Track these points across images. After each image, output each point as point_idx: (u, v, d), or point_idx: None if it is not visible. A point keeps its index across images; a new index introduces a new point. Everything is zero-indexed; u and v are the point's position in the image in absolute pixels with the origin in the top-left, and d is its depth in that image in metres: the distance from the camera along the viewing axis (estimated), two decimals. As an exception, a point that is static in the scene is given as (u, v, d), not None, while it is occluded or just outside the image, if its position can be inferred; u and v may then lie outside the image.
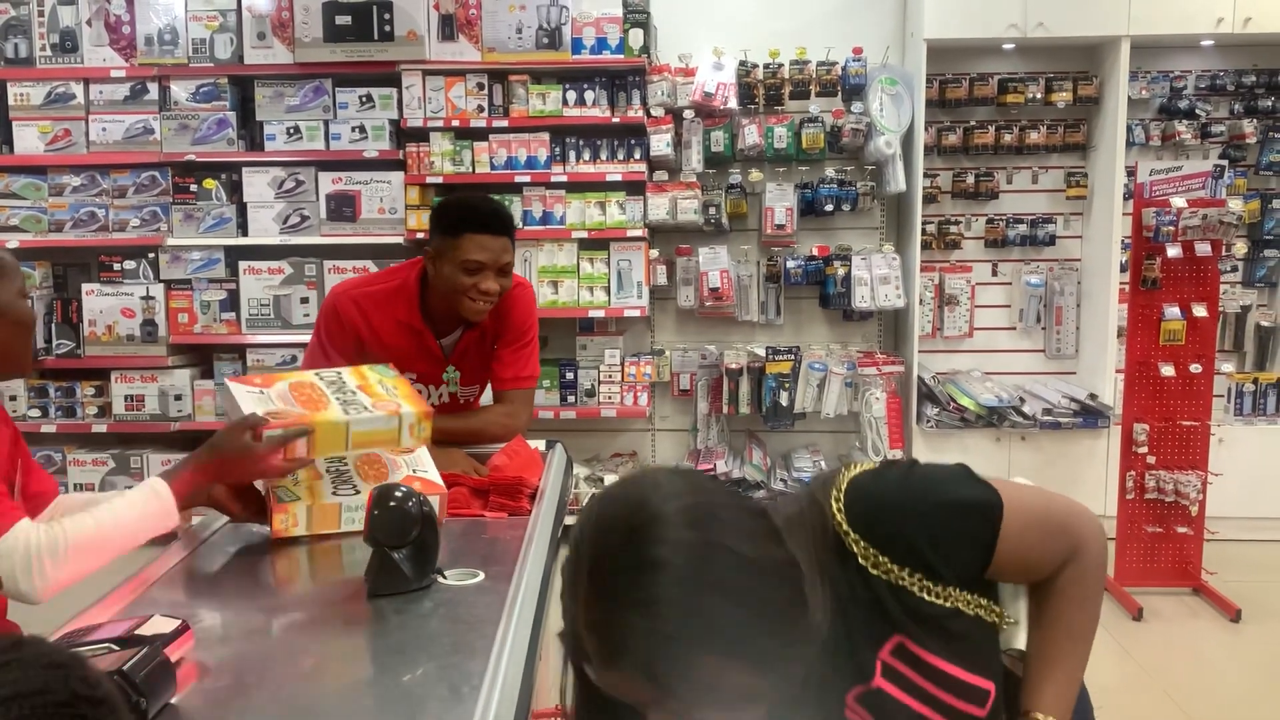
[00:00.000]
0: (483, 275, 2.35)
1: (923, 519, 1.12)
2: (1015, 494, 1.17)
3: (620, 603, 0.96)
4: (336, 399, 1.81)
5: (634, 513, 0.99)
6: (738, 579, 0.97)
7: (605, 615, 0.97)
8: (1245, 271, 4.94)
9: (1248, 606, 3.82)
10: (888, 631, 1.12)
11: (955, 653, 1.13)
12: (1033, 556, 1.18)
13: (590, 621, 0.98)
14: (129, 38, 4.56)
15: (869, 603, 1.12)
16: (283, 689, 1.32)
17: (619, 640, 0.96)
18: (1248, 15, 4.44)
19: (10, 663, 0.66)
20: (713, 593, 0.96)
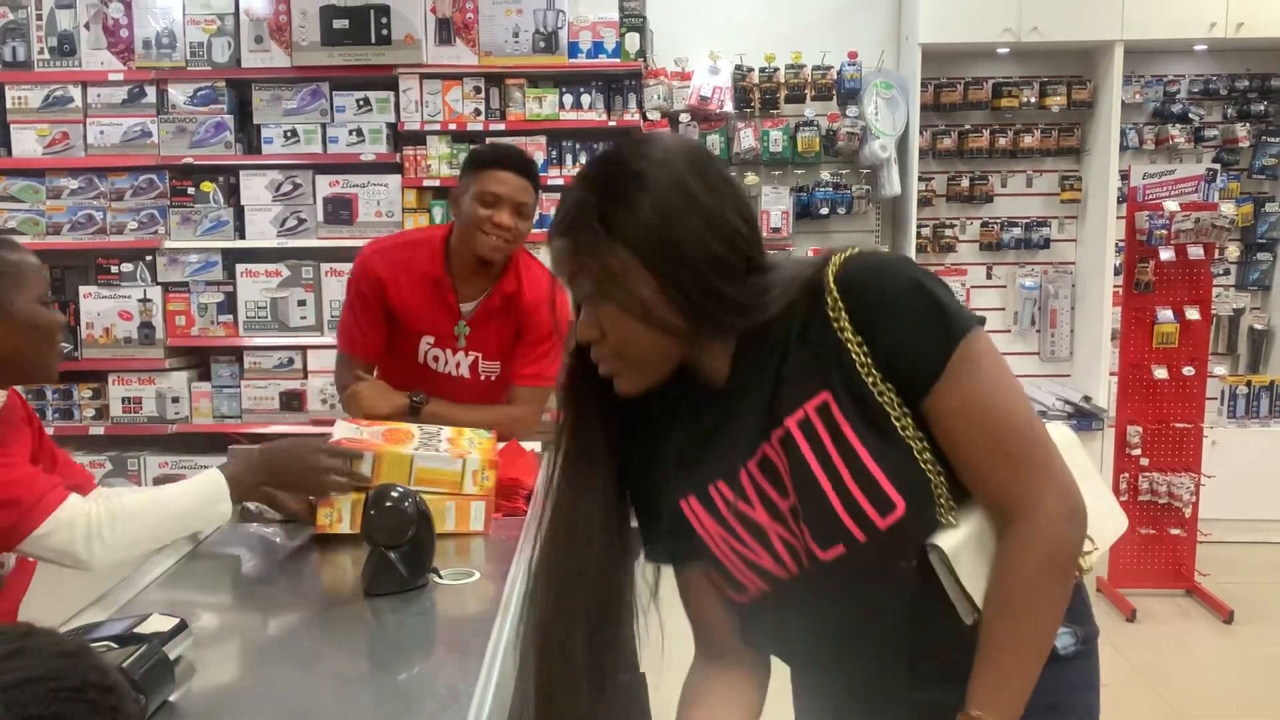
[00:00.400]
0: (498, 208, 2.42)
1: (891, 286, 1.09)
2: (999, 378, 1.10)
3: (583, 182, 1.14)
4: (419, 440, 1.91)
5: (635, 139, 1.17)
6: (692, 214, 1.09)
7: (570, 191, 1.14)
8: (1238, 275, 4.97)
9: (1240, 608, 3.84)
10: (821, 384, 1.10)
11: (873, 446, 1.08)
12: (971, 448, 1.08)
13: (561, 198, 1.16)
14: (127, 41, 4.57)
15: (816, 348, 1.11)
16: (279, 686, 1.34)
17: (567, 211, 1.13)
18: (1240, 20, 4.47)
19: (22, 650, 0.68)
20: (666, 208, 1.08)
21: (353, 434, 1.92)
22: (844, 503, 1.08)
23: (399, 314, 2.55)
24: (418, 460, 1.83)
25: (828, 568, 1.10)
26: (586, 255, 1.11)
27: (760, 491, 1.14)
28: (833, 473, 1.08)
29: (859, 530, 1.07)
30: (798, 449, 1.10)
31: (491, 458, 1.90)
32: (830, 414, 1.09)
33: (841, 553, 1.09)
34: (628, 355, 1.14)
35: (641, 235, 1.08)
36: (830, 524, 1.08)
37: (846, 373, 1.09)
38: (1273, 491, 4.61)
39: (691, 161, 1.11)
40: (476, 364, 2.58)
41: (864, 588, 1.11)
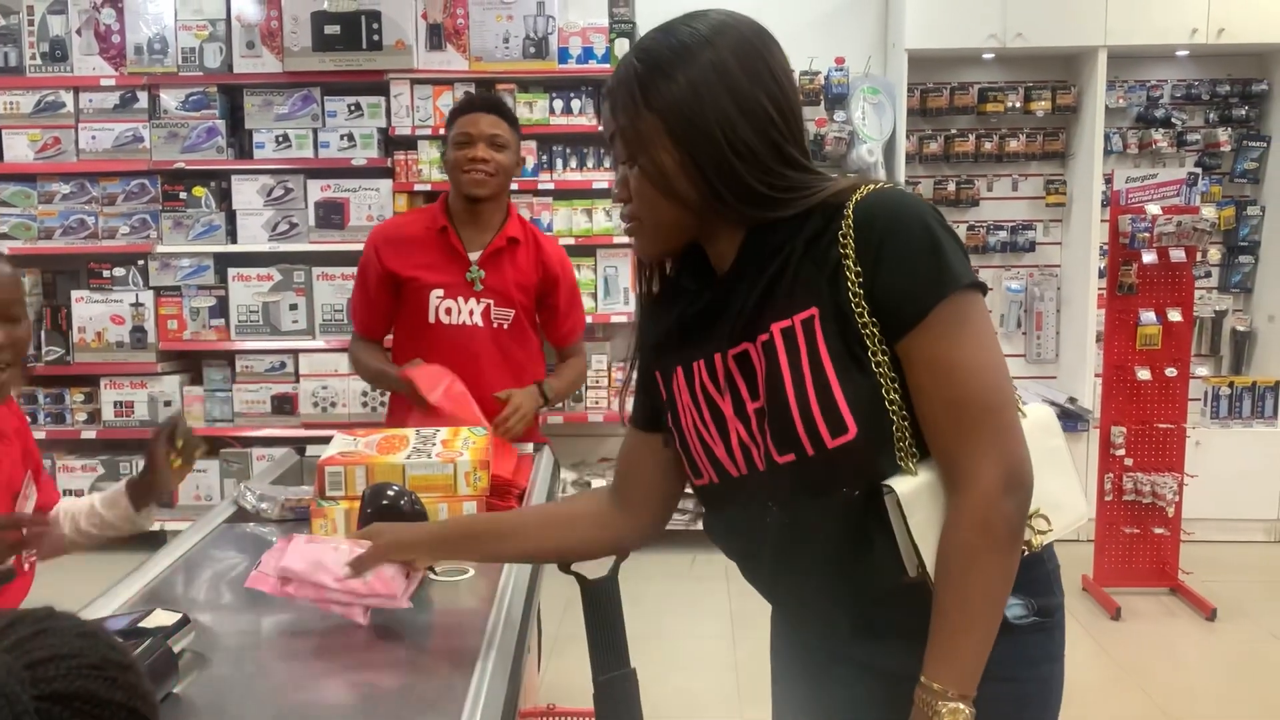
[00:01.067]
0: (472, 146, 2.57)
1: (900, 222, 1.12)
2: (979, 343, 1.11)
3: (637, 49, 1.20)
4: (413, 446, 1.95)
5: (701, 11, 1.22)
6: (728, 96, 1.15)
7: (626, 57, 1.21)
8: (1221, 277, 5.03)
9: (1223, 606, 3.89)
10: (812, 300, 1.14)
11: (843, 370, 1.11)
12: (929, 403, 1.11)
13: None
14: (119, 47, 4.59)
15: (818, 262, 1.14)
16: (279, 678, 1.37)
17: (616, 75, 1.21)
18: (1221, 26, 4.53)
19: (46, 630, 0.72)
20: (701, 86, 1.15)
21: (349, 446, 1.94)
22: (802, 414, 1.12)
23: (405, 273, 2.64)
24: (409, 468, 1.86)
25: (779, 472, 1.15)
26: (622, 118, 1.19)
27: (732, 384, 1.20)
28: (799, 384, 1.12)
29: (809, 444, 1.12)
30: (775, 354, 1.15)
31: (484, 458, 1.93)
32: (812, 329, 1.13)
33: (792, 460, 1.14)
34: (646, 219, 1.22)
35: (671, 107, 1.15)
36: (787, 431, 1.13)
37: (838, 295, 1.12)
38: (1255, 491, 4.67)
39: (740, 43, 1.17)
40: (489, 311, 2.63)
41: (806, 502, 1.15)
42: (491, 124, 2.58)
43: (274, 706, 1.30)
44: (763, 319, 1.17)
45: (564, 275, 2.75)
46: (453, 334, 2.61)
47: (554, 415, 4.68)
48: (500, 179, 2.61)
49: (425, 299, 2.62)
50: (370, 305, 2.72)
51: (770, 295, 1.17)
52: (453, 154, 2.59)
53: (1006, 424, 1.11)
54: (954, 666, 1.10)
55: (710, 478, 1.25)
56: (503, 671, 1.32)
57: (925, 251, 1.10)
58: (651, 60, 1.17)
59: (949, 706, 1.08)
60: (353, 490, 1.83)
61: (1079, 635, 3.77)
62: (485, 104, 2.64)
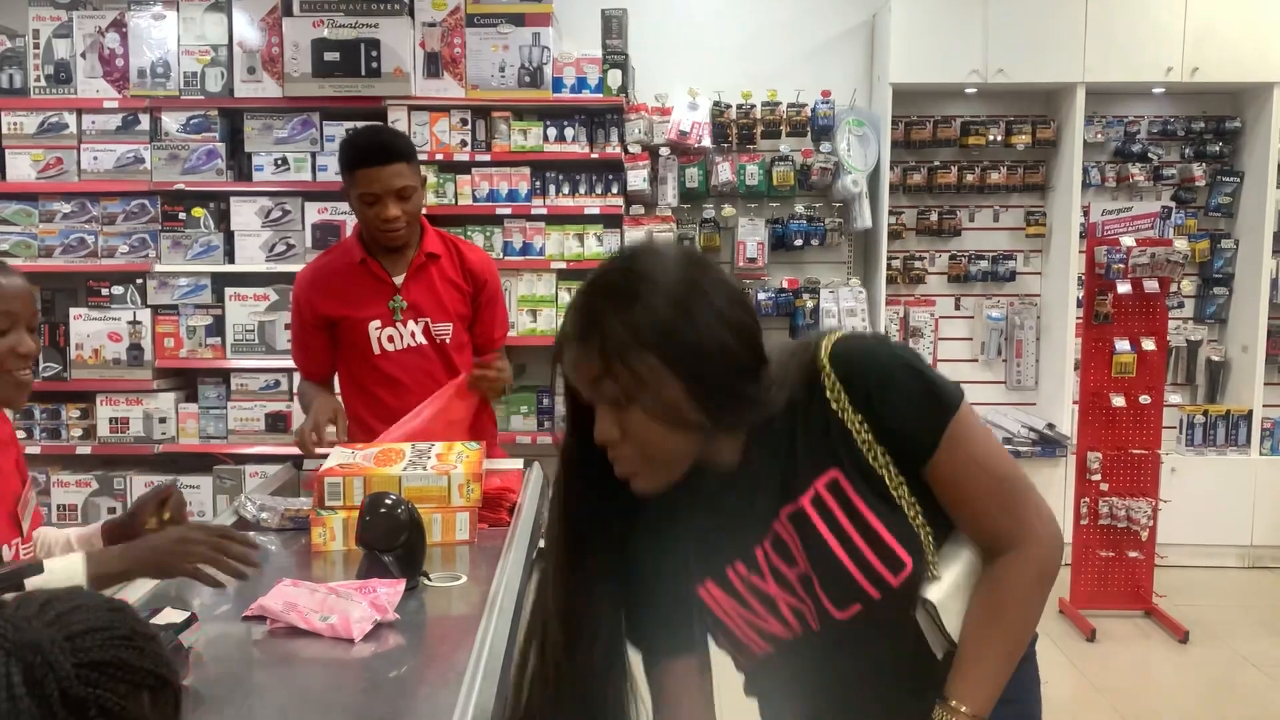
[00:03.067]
0: (381, 205, 2.48)
1: (886, 369, 1.20)
2: (987, 438, 1.23)
3: (598, 290, 1.16)
4: (409, 459, 2.02)
5: (636, 248, 1.21)
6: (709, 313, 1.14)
7: (585, 299, 1.17)
8: (1196, 308, 5.15)
9: (1195, 629, 3.98)
10: (829, 462, 1.21)
11: (881, 513, 1.20)
12: (973, 500, 1.22)
13: (572, 307, 1.18)
14: (122, 70, 4.69)
15: (821, 430, 1.21)
16: (280, 677, 1.44)
17: (588, 318, 1.15)
18: (1195, 65, 4.67)
19: (80, 606, 0.81)
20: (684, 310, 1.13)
21: (347, 459, 2.03)
22: (859, 566, 1.19)
23: (338, 312, 2.62)
24: (405, 480, 1.94)
25: (843, 625, 1.22)
26: (614, 361, 1.13)
27: (772, 566, 1.24)
28: (846, 541, 1.20)
29: (874, 589, 1.19)
30: (811, 524, 1.21)
31: (477, 470, 2.01)
32: (840, 488, 1.21)
33: (858, 610, 1.21)
34: (651, 456, 1.18)
35: (665, 338, 1.13)
36: (847, 586, 1.20)
37: (850, 449, 1.20)
38: (1228, 517, 4.77)
39: (691, 263, 1.18)
40: (428, 329, 2.64)
41: (874, 641, 1.24)
42: (394, 175, 2.47)
43: (274, 702, 1.38)
44: (788, 497, 1.23)
45: (490, 279, 2.74)
46: (400, 359, 2.62)
47: (543, 436, 4.75)
48: (414, 223, 2.58)
49: (364, 332, 2.61)
50: (309, 351, 2.71)
51: (788, 475, 1.23)
52: (360, 211, 2.52)
53: (1032, 487, 1.26)
54: (983, 690, 1.22)
55: (762, 650, 1.28)
56: (492, 679, 1.39)
57: (919, 390, 1.20)
58: (622, 296, 1.14)
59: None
60: (351, 500, 1.91)
61: (1055, 656, 3.85)
62: (382, 154, 2.48)
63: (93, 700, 0.76)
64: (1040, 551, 1.23)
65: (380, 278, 2.62)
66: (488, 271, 2.75)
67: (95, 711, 0.76)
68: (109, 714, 0.77)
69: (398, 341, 2.62)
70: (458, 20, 4.63)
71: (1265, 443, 4.86)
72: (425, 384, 2.57)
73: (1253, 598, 4.51)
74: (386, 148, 2.52)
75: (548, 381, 4.24)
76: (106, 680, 0.78)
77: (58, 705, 0.74)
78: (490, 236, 4.69)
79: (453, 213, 4.64)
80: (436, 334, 2.65)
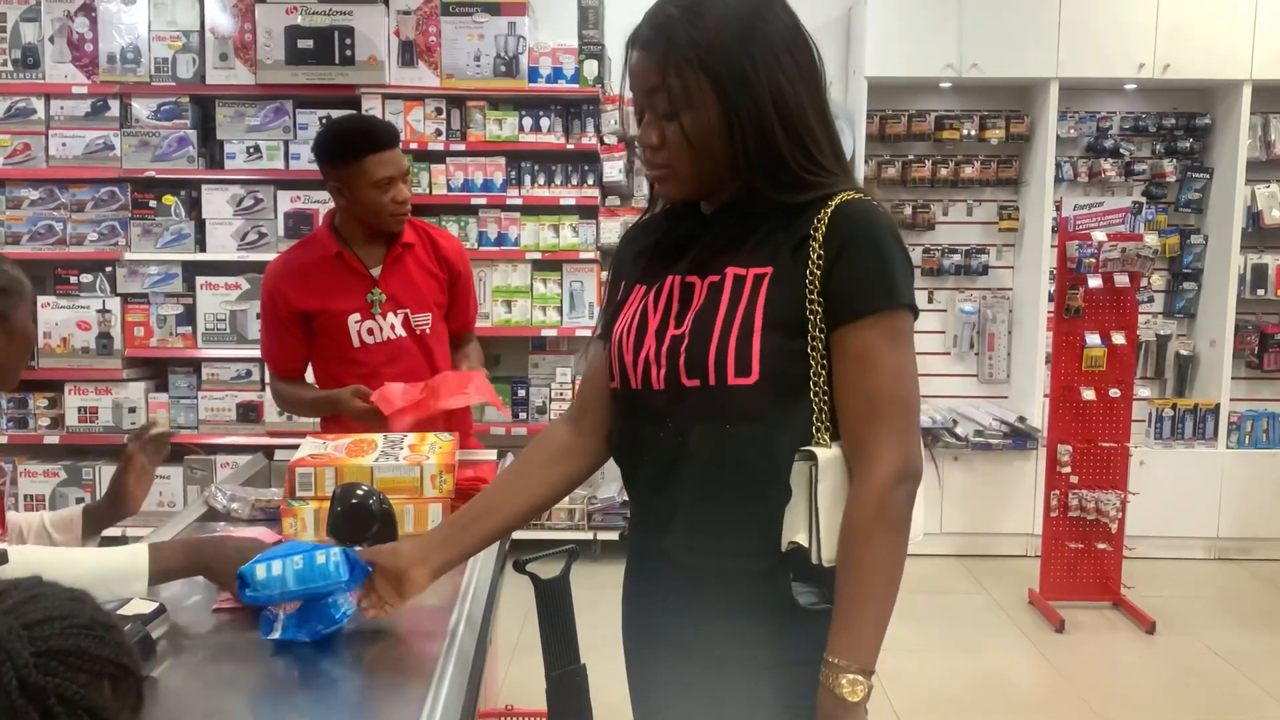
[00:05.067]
0: (395, 187, 2.52)
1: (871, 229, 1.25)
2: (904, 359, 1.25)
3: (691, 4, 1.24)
4: (381, 450, 2.01)
5: None
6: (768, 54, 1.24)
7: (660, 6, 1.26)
8: (1165, 303, 5.21)
9: (1162, 619, 4.03)
10: (771, 260, 1.27)
11: (770, 330, 1.24)
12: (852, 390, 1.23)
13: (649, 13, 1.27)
14: (91, 55, 4.63)
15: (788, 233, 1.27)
16: (248, 669, 1.43)
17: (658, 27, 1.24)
18: (1167, 62, 4.72)
19: (39, 595, 0.81)
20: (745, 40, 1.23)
21: (319, 449, 2.01)
22: (719, 348, 1.25)
23: (315, 306, 2.59)
24: (377, 470, 1.93)
25: (681, 395, 1.28)
26: (670, 74, 1.23)
27: (668, 307, 1.32)
28: (728, 323, 1.25)
29: (714, 374, 1.25)
30: (719, 294, 1.27)
31: (449, 461, 2.00)
32: (760, 284, 1.26)
33: (695, 386, 1.27)
34: (678, 169, 1.28)
35: (729, 73, 1.21)
36: (700, 358, 1.26)
37: (796, 267, 1.25)
38: (1195, 510, 4.83)
39: (790, 22, 1.28)
40: (408, 321, 2.62)
41: (698, 427, 1.28)
42: (400, 157, 2.54)
43: (243, 694, 1.37)
44: (719, 260, 1.30)
45: (464, 266, 2.75)
46: (379, 351, 2.60)
47: (518, 428, 4.75)
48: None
49: (343, 326, 2.59)
50: (284, 346, 2.66)
51: (735, 244, 1.29)
52: (372, 196, 2.49)
53: (910, 424, 1.25)
54: (852, 640, 1.21)
55: (617, 382, 1.38)
56: (463, 670, 1.39)
57: (884, 260, 1.24)
58: (703, 20, 1.22)
59: (848, 678, 1.19)
60: (322, 491, 1.90)
61: (1024, 646, 3.90)
62: (391, 137, 2.56)
63: (51, 689, 0.75)
64: (882, 481, 1.20)
65: (357, 270, 2.60)
66: (460, 258, 2.76)
67: (54, 700, 0.75)
68: (68, 703, 0.76)
69: (377, 334, 2.61)
70: (433, 8, 4.61)
71: (1232, 436, 4.93)
72: (405, 377, 2.53)
73: (1218, 589, 4.57)
74: (391, 131, 2.62)
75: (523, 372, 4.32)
76: (65, 669, 0.77)
77: (16, 694, 0.74)
78: (465, 226, 4.67)
79: (427, 202, 4.61)
80: (416, 325, 2.64)
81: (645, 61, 1.25)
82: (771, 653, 1.29)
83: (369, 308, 2.59)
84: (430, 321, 2.66)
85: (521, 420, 4.79)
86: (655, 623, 1.41)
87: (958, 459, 4.79)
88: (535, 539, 4.31)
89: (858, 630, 1.21)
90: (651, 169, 1.31)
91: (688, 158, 1.27)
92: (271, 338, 2.68)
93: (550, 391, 4.81)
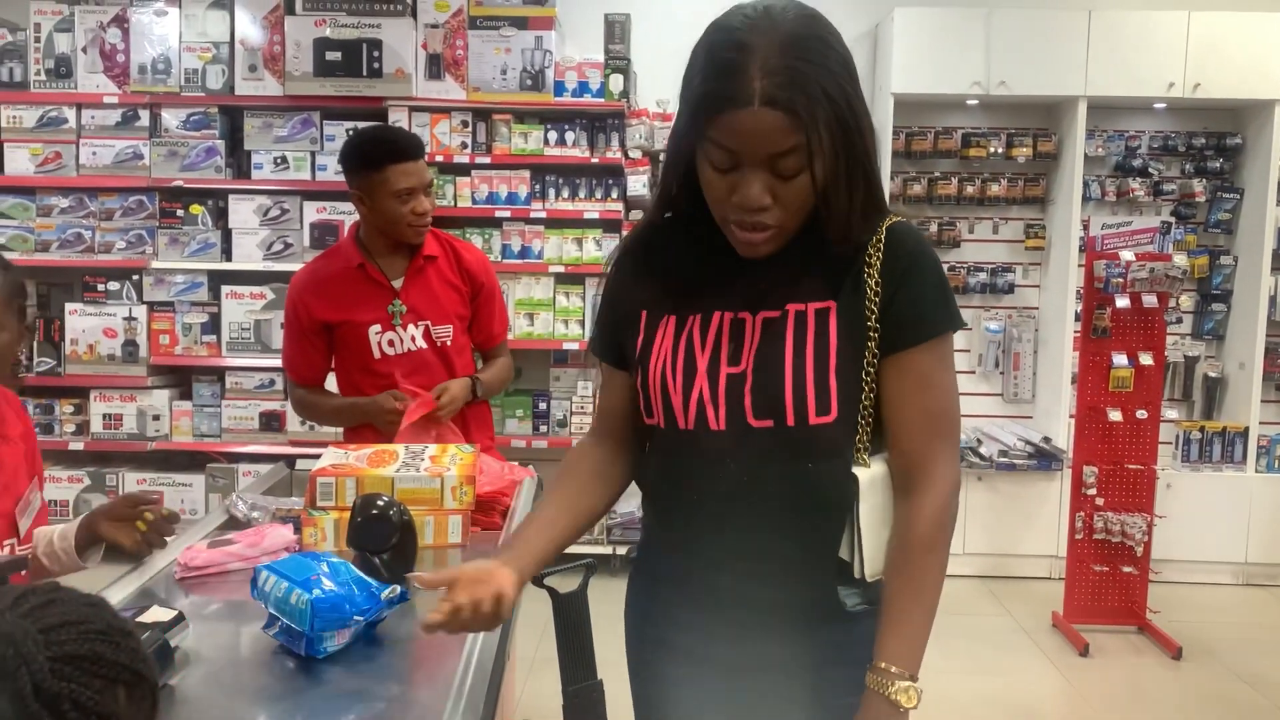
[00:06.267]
0: (415, 199, 2.53)
1: (926, 259, 1.28)
2: (952, 376, 1.31)
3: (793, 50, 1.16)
4: (402, 461, 2.02)
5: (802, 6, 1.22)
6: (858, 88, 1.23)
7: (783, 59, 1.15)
8: (1194, 324, 5.15)
9: (1188, 645, 3.97)
10: (831, 295, 1.27)
11: (842, 364, 1.25)
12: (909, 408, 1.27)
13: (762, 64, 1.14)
14: (123, 66, 4.68)
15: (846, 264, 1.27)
16: (266, 678, 1.43)
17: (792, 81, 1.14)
18: (1197, 81, 4.68)
19: (56, 599, 0.80)
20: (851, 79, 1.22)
21: (340, 459, 2.02)
22: (795, 386, 1.24)
23: (337, 317, 2.61)
24: (398, 481, 1.93)
25: (748, 435, 1.25)
26: (815, 133, 1.15)
27: (717, 344, 1.29)
28: (800, 361, 1.24)
29: (793, 415, 1.24)
30: (781, 331, 1.26)
31: (470, 473, 2.00)
32: (826, 320, 1.26)
33: (769, 426, 1.25)
34: (787, 226, 1.24)
35: (848, 108, 1.18)
36: (774, 398, 1.24)
37: (856, 299, 1.26)
38: (1223, 534, 4.76)
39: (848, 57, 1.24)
40: (429, 332, 2.63)
41: (772, 467, 1.26)
42: (424, 169, 2.55)
43: (261, 704, 1.36)
44: (776, 296, 1.28)
45: (487, 279, 2.75)
46: (400, 363, 2.60)
47: (538, 440, 4.74)
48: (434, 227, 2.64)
49: (365, 337, 2.60)
50: (307, 357, 2.68)
51: (789, 279, 1.28)
52: (392, 206, 2.51)
53: (958, 439, 1.32)
54: (906, 647, 1.23)
55: (659, 421, 1.33)
56: (481, 684, 1.38)
57: (939, 286, 1.29)
58: (828, 67, 1.17)
59: (902, 685, 1.20)
60: (343, 501, 1.90)
61: (1047, 670, 3.84)
62: (415, 149, 2.56)
63: (66, 694, 0.75)
64: (944, 494, 1.26)
65: (379, 282, 2.61)
66: (484, 271, 2.76)
67: (69, 705, 0.75)
68: (83, 708, 0.75)
69: (398, 345, 2.62)
70: (460, 22, 4.63)
71: (1261, 460, 4.86)
72: (426, 388, 2.55)
73: (1247, 615, 4.50)
74: (416, 143, 2.61)
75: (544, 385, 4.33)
76: (81, 674, 0.77)
77: (30, 699, 0.73)
78: (489, 239, 4.68)
79: (452, 215, 4.63)
80: (437, 337, 2.65)
81: (782, 122, 1.14)
82: (814, 657, 1.31)
83: (390, 319, 2.60)
84: (452, 334, 2.67)
85: (542, 434, 4.79)
86: (685, 640, 1.38)
87: (982, 479, 4.75)
88: (554, 553, 4.30)
89: (911, 637, 1.24)
90: (752, 230, 1.22)
91: (803, 213, 1.22)
92: (294, 347, 2.70)
93: (571, 404, 4.80)
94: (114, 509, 1.80)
